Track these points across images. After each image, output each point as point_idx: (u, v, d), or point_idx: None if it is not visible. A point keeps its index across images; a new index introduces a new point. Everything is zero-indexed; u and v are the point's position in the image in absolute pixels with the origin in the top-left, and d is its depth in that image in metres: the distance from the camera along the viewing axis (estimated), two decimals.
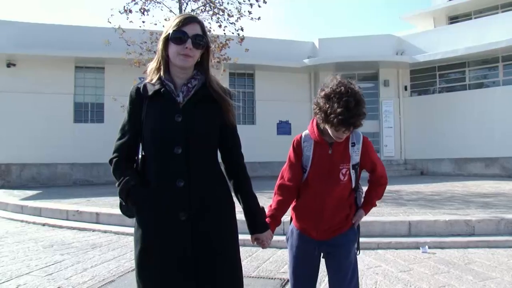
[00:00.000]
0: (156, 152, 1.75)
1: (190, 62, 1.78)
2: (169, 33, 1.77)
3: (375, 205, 2.29)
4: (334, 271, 2.16)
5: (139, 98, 1.80)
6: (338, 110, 1.91)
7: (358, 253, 2.22)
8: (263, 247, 2.00)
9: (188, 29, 1.76)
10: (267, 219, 2.04)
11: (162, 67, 1.82)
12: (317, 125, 2.13)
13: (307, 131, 2.20)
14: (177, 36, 1.75)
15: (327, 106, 1.96)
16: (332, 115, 1.92)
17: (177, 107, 1.75)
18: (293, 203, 2.24)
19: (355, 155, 2.12)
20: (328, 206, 2.11)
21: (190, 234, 1.69)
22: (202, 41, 1.78)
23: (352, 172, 2.12)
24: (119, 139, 1.83)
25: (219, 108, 1.81)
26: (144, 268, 1.72)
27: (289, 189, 2.17)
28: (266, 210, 2.08)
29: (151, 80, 1.83)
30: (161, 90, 1.76)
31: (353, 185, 2.16)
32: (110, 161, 1.82)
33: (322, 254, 2.20)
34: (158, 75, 1.82)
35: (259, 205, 1.93)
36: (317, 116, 2.04)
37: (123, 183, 1.74)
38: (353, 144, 2.12)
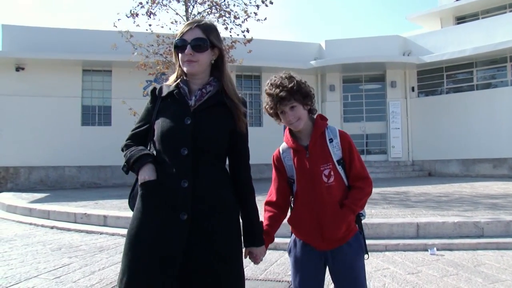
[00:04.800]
0: (163, 152, 1.78)
1: (195, 67, 1.82)
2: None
3: (354, 212, 2.00)
4: (341, 284, 2.04)
5: (154, 98, 1.89)
6: (268, 90, 1.99)
7: (367, 257, 2.08)
8: (256, 262, 1.95)
9: (187, 36, 1.82)
10: None
11: (179, 74, 1.90)
12: (290, 131, 2.12)
13: (283, 143, 2.16)
14: (178, 45, 1.83)
15: (266, 98, 2.03)
16: (269, 99, 1.99)
17: (188, 110, 1.79)
18: (288, 215, 2.15)
19: (337, 150, 2.03)
20: (324, 213, 1.98)
21: (187, 233, 1.69)
22: (203, 43, 1.81)
23: (340, 168, 2.02)
24: (134, 130, 1.91)
25: (231, 114, 1.84)
26: (129, 257, 1.77)
27: (276, 204, 2.11)
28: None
29: (170, 83, 1.91)
30: (174, 92, 1.83)
31: (346, 183, 2.04)
32: (122, 147, 1.88)
33: (327, 266, 2.08)
34: (176, 81, 1.90)
35: (259, 218, 1.92)
36: (268, 112, 2.06)
37: (136, 150, 1.79)
38: (331, 140, 2.04)
